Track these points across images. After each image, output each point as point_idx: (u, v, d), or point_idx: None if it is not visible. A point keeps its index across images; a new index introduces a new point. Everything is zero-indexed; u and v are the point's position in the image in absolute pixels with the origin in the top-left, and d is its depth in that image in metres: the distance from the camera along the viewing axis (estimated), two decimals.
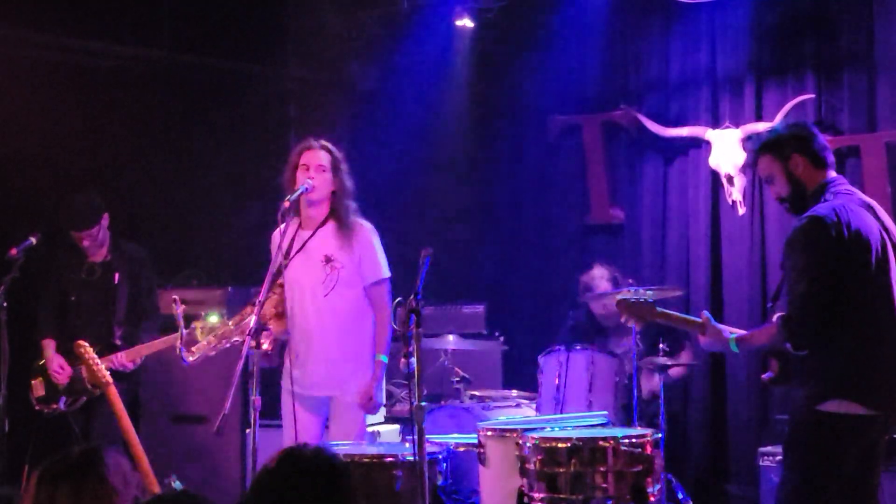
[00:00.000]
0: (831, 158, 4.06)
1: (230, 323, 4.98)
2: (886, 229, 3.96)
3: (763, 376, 4.15)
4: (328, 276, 4.93)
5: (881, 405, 3.80)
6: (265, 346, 4.64)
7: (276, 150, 7.95)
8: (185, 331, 5.01)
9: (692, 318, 4.25)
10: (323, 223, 5.00)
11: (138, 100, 7.26)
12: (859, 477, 3.85)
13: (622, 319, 4.47)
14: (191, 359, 4.97)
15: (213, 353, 5.00)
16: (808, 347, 3.81)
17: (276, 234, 5.00)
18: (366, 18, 7.97)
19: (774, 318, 3.88)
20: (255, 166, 7.73)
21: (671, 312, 4.36)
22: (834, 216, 3.81)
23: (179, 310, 4.95)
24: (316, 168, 4.96)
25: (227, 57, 7.66)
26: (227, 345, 4.86)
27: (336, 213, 5.00)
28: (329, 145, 5.07)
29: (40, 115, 6.68)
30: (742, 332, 4.11)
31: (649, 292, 5.02)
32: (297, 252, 4.99)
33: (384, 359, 4.93)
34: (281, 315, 4.98)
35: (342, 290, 4.93)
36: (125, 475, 2.51)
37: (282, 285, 4.97)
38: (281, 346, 5.05)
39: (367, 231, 5.00)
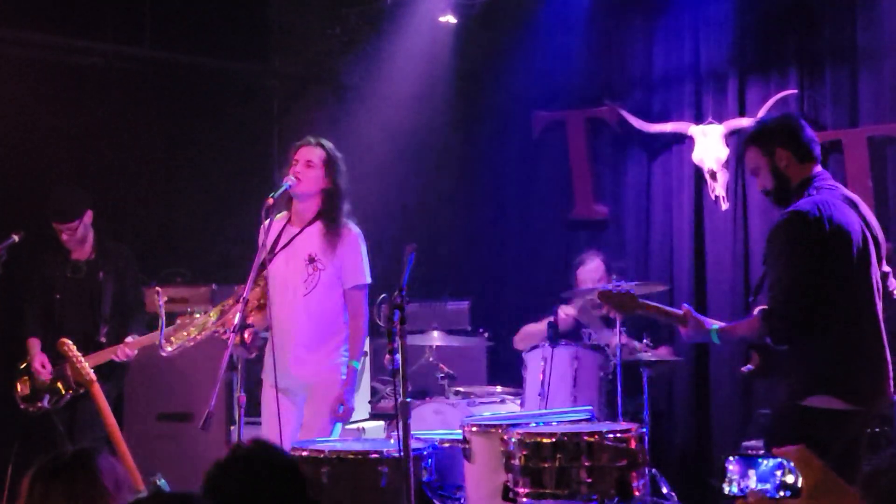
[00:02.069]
0: (818, 152, 4.06)
1: (211, 314, 4.97)
2: (868, 225, 3.98)
3: (743, 369, 4.18)
4: (310, 276, 4.91)
5: (863, 400, 3.82)
6: (245, 337, 4.64)
7: (260, 146, 7.97)
8: (163, 322, 4.99)
9: (674, 309, 4.27)
10: (311, 221, 4.97)
11: (121, 97, 7.24)
12: (840, 471, 3.85)
13: (604, 311, 4.50)
14: (169, 349, 4.95)
15: (192, 344, 4.97)
16: (788, 342, 3.83)
17: (261, 231, 5.00)
18: (349, 14, 7.97)
19: (756, 311, 3.90)
20: (239, 163, 7.72)
21: (653, 304, 4.38)
22: (816, 211, 3.83)
23: (162, 301, 4.93)
24: (303, 163, 4.94)
25: (209, 54, 7.64)
26: (206, 336, 4.84)
27: (325, 213, 4.95)
28: (325, 143, 5.03)
29: (22, 113, 6.66)
30: (724, 324, 4.14)
31: (632, 283, 5.03)
32: (283, 248, 4.97)
33: (356, 365, 4.93)
34: (262, 307, 4.95)
35: (322, 292, 4.91)
36: (118, 478, 2.51)
37: (265, 279, 4.95)
38: (260, 339, 5.03)
39: (354, 236, 4.96)
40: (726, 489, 2.08)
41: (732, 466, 2.09)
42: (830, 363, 3.81)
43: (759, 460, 2.08)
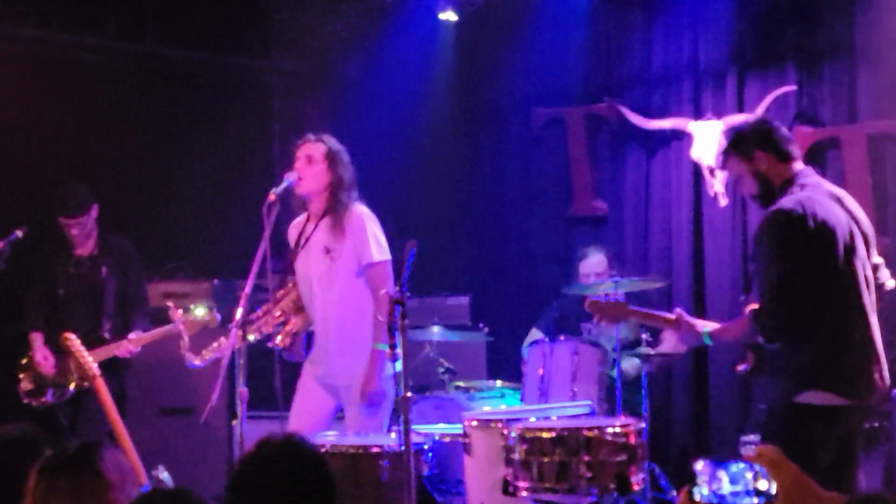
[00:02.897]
0: (796, 151, 4.08)
1: None
2: (856, 219, 3.99)
3: (738, 368, 4.20)
4: (329, 267, 4.95)
5: (856, 394, 3.84)
6: (284, 341, 4.68)
7: (260, 142, 7.99)
8: (187, 339, 5.01)
9: (665, 314, 4.28)
10: (323, 216, 5.03)
11: (122, 93, 7.27)
12: (837, 466, 3.87)
13: (595, 320, 4.52)
14: (197, 362, 4.98)
15: (222, 355, 4.94)
16: (779, 340, 3.85)
17: (291, 227, 5.06)
18: (349, 11, 7.98)
19: (747, 311, 3.93)
20: (240, 159, 7.75)
21: (644, 310, 4.40)
22: (799, 208, 3.85)
23: (177, 316, 4.95)
24: (304, 160, 4.98)
25: (210, 50, 7.67)
26: (236, 347, 4.83)
27: (333, 206, 5.00)
28: (326, 137, 5.06)
29: (23, 109, 6.67)
30: (715, 325, 4.16)
31: (623, 286, 5.02)
32: (303, 246, 5.02)
33: (381, 346, 4.86)
34: (301, 309, 5.01)
35: (344, 281, 4.95)
36: (122, 470, 2.53)
37: (295, 281, 5.03)
38: (304, 339, 5.08)
39: (358, 215, 4.98)
40: (696, 494, 2.06)
41: (701, 468, 2.07)
42: (820, 359, 3.82)
43: (729, 462, 2.06)
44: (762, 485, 2.00)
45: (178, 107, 7.53)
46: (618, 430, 4.23)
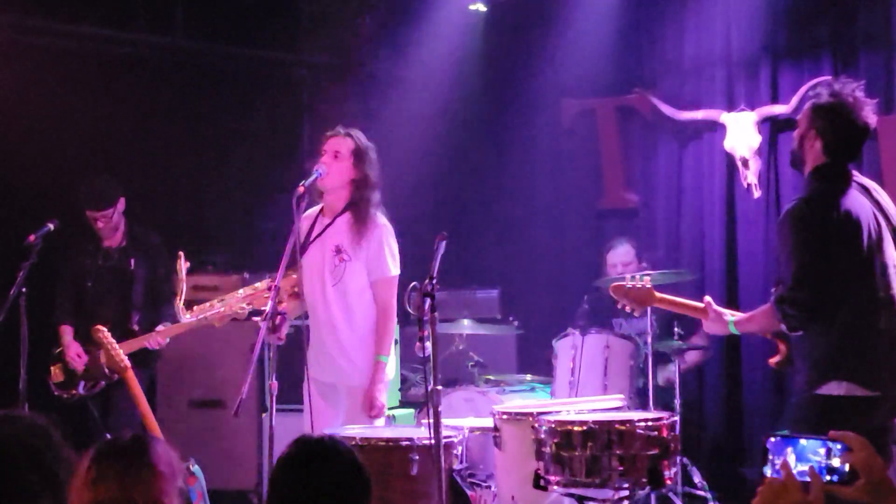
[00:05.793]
0: (844, 152, 4.00)
1: (239, 291, 4.97)
2: (884, 211, 3.95)
3: (770, 360, 4.16)
4: (337, 266, 4.90)
5: (882, 386, 3.77)
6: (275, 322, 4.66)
7: (290, 135, 8.00)
8: (184, 286, 5.00)
9: (693, 302, 4.24)
10: (342, 212, 4.97)
11: (151, 87, 7.28)
12: None
13: (619, 306, 4.47)
14: (188, 316, 4.96)
15: (213, 314, 4.92)
16: (801, 328, 3.82)
17: (303, 218, 5.02)
18: (379, 3, 7.97)
19: (771, 299, 3.90)
20: (269, 152, 7.76)
21: (671, 297, 4.35)
22: (821, 198, 3.84)
23: (185, 266, 4.94)
24: (331, 154, 4.94)
25: (240, 44, 7.67)
26: (230, 311, 4.82)
27: (354, 204, 4.95)
28: (354, 133, 5.00)
29: (54, 103, 6.70)
30: (742, 314, 4.12)
31: (647, 277, 4.97)
32: (315, 238, 4.98)
33: (384, 359, 4.86)
34: (296, 296, 4.97)
35: (349, 283, 4.90)
36: (172, 462, 2.53)
37: (300, 267, 4.97)
38: (289, 325, 5.03)
39: (379, 227, 4.93)
40: (766, 471, 2.02)
41: (771, 445, 2.04)
42: (844, 349, 3.78)
43: (799, 437, 2.03)
44: (835, 462, 1.96)
45: (207, 100, 7.54)
46: (650, 423, 4.19)
